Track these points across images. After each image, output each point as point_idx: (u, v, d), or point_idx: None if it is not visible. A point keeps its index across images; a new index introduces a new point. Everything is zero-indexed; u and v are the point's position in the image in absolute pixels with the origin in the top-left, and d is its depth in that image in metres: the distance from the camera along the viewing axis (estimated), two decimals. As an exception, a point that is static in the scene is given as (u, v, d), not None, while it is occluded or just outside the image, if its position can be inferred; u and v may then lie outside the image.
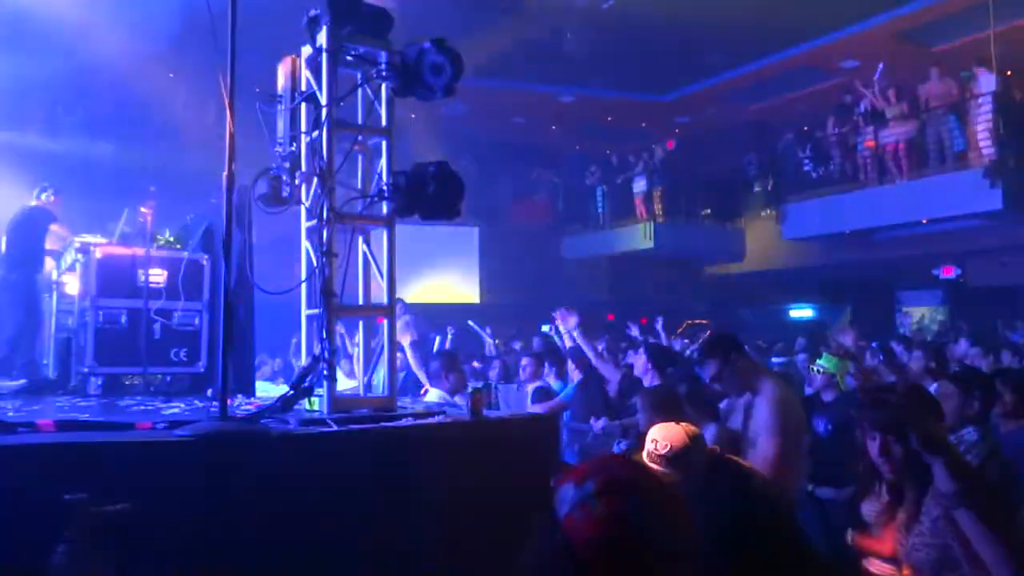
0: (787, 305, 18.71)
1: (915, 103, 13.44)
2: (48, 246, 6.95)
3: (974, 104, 12.35)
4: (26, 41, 7.89)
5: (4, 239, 7.00)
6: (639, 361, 5.83)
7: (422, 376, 6.18)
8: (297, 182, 3.62)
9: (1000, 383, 4.29)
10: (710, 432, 4.31)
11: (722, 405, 4.40)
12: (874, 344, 7.60)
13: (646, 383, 5.60)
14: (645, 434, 4.31)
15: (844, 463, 4.88)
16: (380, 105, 3.80)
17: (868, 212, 13.63)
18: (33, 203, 7.20)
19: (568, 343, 7.06)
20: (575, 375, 6.60)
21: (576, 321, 6.43)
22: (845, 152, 15.01)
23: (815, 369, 5.68)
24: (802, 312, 18.89)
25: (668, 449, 2.86)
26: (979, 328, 11.25)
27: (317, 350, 3.40)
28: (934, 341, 9.92)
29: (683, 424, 3.05)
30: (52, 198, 7.23)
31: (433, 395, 5.16)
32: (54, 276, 6.63)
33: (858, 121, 14.47)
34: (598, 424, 5.69)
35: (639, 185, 17.62)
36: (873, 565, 2.89)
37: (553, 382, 6.94)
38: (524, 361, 7.25)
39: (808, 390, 6.09)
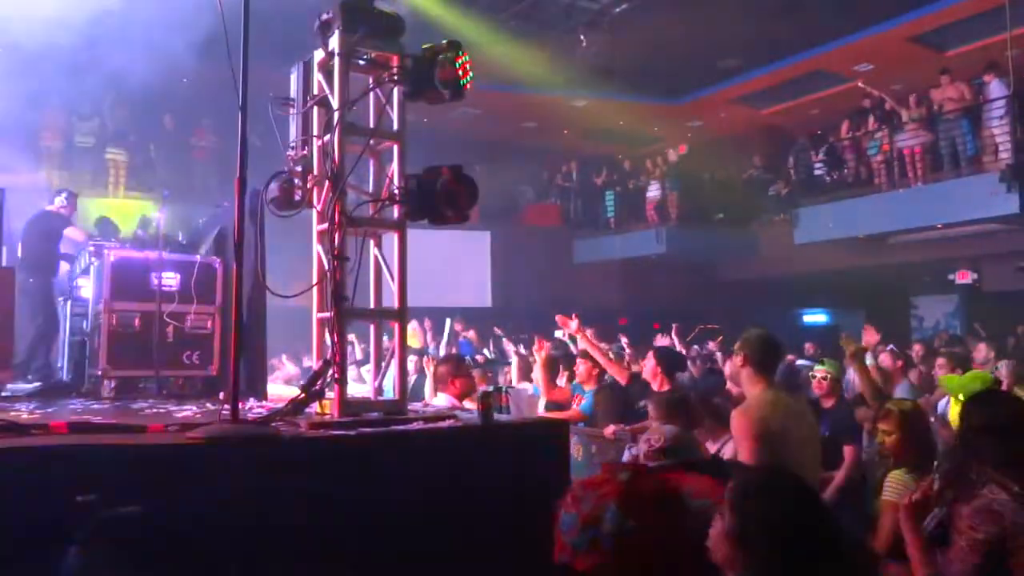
0: (800, 310, 18.61)
1: (930, 107, 13.38)
2: (63, 250, 7.01)
3: (988, 108, 12.28)
4: (40, 50, 7.98)
5: (20, 244, 7.06)
6: (648, 365, 5.81)
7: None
8: (309, 186, 3.62)
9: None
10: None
11: None
12: (892, 346, 7.48)
13: (654, 387, 5.59)
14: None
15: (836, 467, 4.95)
16: (392, 109, 3.81)
17: (882, 216, 13.55)
18: (48, 208, 7.26)
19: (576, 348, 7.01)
20: (587, 381, 6.56)
21: (576, 324, 6.35)
22: (859, 156, 14.95)
23: (814, 375, 5.62)
24: (816, 317, 18.79)
25: (663, 441, 2.87)
26: (994, 333, 11.14)
27: (328, 354, 3.41)
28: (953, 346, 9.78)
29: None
30: (66, 203, 7.29)
31: (441, 400, 5.16)
32: (68, 280, 6.68)
33: (871, 125, 14.41)
34: (609, 429, 5.67)
35: (652, 189, 17.60)
36: None
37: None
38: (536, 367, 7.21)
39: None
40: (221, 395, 4.63)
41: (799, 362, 8.89)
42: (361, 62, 3.73)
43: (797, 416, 3.77)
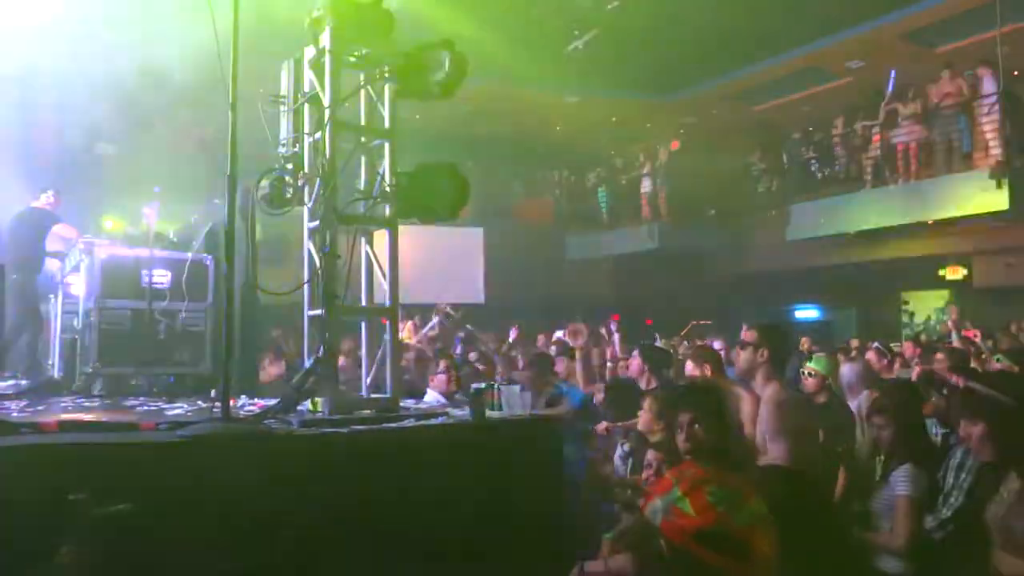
0: (792, 306, 18.66)
1: (925, 103, 13.40)
2: (53, 247, 6.97)
3: (980, 105, 12.32)
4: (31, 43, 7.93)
5: (6, 240, 7.02)
6: (633, 363, 5.80)
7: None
8: (300, 183, 3.62)
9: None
10: None
11: None
12: (876, 344, 7.41)
13: (642, 385, 5.58)
14: (646, 435, 4.32)
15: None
16: (383, 106, 3.80)
17: (873, 213, 13.60)
18: (34, 204, 7.22)
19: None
20: (583, 380, 6.55)
21: (583, 340, 6.39)
22: (851, 152, 14.99)
23: (805, 372, 5.56)
24: (807, 313, 18.84)
25: None
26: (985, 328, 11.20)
27: (319, 351, 3.40)
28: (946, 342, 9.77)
29: None
30: (52, 199, 7.25)
31: (430, 396, 5.17)
32: (59, 277, 6.64)
33: (861, 123, 14.45)
34: (601, 426, 5.67)
35: (644, 185, 17.61)
36: None
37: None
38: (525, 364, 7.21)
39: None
40: (213, 393, 4.63)
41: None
42: (352, 59, 3.72)
43: (811, 414, 3.93)
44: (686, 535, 1.60)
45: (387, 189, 3.72)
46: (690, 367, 4.76)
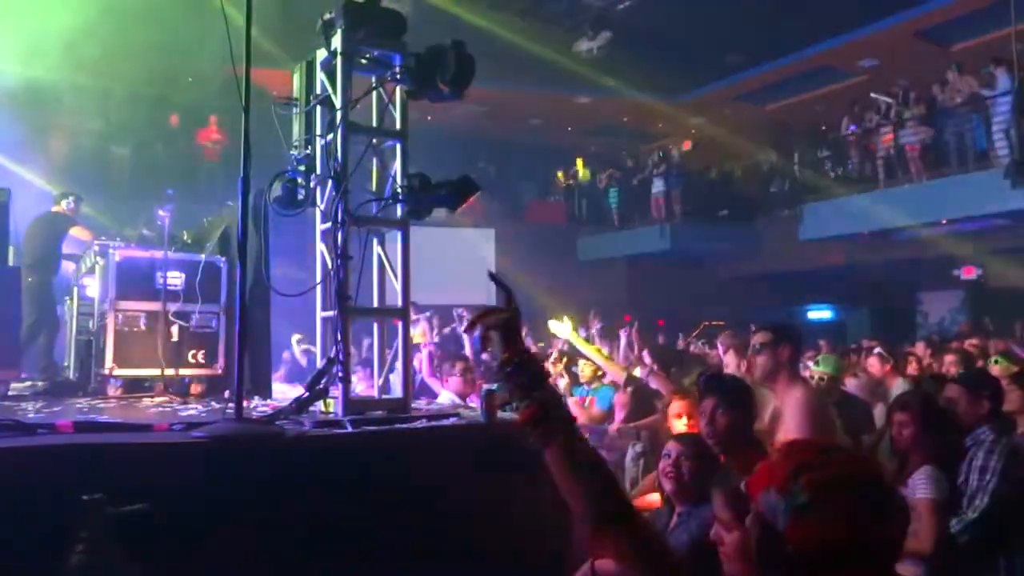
0: (805, 306, 18.56)
1: (934, 103, 13.31)
2: (68, 250, 7.03)
3: (994, 103, 12.22)
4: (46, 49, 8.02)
5: (23, 243, 7.08)
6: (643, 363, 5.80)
7: (435, 384, 6.17)
8: (312, 185, 3.63)
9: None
10: None
11: None
12: (878, 349, 7.24)
13: (652, 386, 5.55)
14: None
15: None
16: (394, 108, 3.81)
17: (887, 213, 13.51)
18: (54, 209, 7.28)
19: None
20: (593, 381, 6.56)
21: (567, 329, 6.02)
22: (863, 152, 14.91)
23: (812, 375, 5.32)
24: (821, 313, 18.75)
25: None
26: (1000, 329, 11.11)
27: (332, 352, 3.41)
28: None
29: None
30: (73, 204, 7.31)
31: (444, 397, 5.18)
32: (74, 279, 6.69)
33: (872, 122, 14.37)
34: (613, 426, 5.67)
35: (656, 186, 17.59)
36: None
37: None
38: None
39: None
40: (226, 394, 4.65)
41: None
42: (363, 61, 3.73)
43: (834, 427, 3.80)
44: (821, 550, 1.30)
45: (399, 190, 3.72)
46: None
